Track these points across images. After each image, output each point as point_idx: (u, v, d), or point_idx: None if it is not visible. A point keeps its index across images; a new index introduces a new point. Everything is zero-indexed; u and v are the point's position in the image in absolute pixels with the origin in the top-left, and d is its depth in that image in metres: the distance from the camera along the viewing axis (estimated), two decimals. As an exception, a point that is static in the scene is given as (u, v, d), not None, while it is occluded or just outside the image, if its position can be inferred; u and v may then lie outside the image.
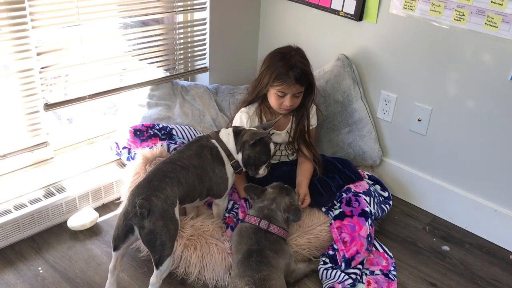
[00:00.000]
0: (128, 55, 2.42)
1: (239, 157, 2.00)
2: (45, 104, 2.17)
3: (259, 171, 2.04)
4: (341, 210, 2.09)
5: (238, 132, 2.01)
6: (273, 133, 2.26)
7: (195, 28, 2.64)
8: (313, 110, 2.32)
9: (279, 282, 1.74)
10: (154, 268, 1.68)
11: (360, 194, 2.13)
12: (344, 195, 2.14)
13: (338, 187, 2.21)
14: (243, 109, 2.28)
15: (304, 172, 2.23)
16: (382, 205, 2.23)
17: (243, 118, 2.25)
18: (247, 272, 1.73)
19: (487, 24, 2.03)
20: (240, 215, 2.13)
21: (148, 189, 1.70)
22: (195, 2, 2.56)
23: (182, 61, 2.65)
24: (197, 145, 1.97)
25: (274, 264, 1.78)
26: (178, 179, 1.80)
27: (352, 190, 2.15)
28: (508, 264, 2.18)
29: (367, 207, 2.08)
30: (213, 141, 2.00)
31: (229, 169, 2.00)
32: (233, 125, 2.25)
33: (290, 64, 2.12)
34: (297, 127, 2.28)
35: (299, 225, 2.09)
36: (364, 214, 2.05)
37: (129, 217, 1.65)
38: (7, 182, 2.17)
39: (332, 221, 2.08)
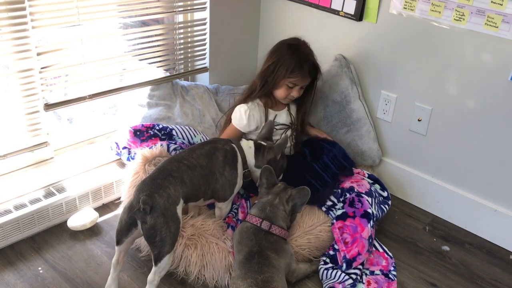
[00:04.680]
0: (128, 55, 2.42)
1: (257, 172, 2.06)
2: (45, 104, 2.17)
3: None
4: (344, 210, 2.09)
5: (258, 148, 2.07)
6: (276, 115, 2.33)
7: (195, 28, 2.64)
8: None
9: (281, 284, 1.74)
10: (153, 265, 1.70)
11: (363, 195, 2.12)
12: (348, 195, 2.14)
13: (332, 176, 2.20)
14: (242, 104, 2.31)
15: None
16: (382, 206, 2.23)
17: (242, 110, 2.28)
18: (249, 274, 1.72)
19: (487, 24, 2.03)
20: (240, 215, 2.13)
21: (152, 187, 1.73)
22: (195, 2, 2.56)
23: (182, 61, 2.65)
24: (211, 146, 1.98)
25: (275, 264, 1.78)
26: (182, 179, 1.81)
27: (355, 190, 2.14)
28: (508, 264, 2.18)
29: (370, 208, 2.08)
30: (233, 145, 2.03)
31: (240, 175, 2.03)
32: (232, 119, 2.31)
33: (304, 57, 2.20)
34: (299, 108, 2.38)
35: (299, 225, 2.09)
36: (367, 216, 2.05)
37: (134, 211, 1.68)
38: (7, 182, 2.17)
39: (334, 221, 2.08)
